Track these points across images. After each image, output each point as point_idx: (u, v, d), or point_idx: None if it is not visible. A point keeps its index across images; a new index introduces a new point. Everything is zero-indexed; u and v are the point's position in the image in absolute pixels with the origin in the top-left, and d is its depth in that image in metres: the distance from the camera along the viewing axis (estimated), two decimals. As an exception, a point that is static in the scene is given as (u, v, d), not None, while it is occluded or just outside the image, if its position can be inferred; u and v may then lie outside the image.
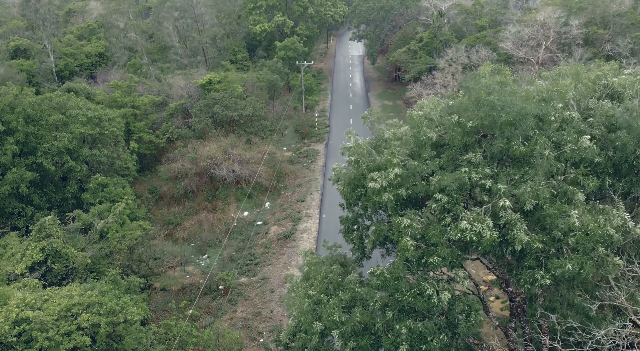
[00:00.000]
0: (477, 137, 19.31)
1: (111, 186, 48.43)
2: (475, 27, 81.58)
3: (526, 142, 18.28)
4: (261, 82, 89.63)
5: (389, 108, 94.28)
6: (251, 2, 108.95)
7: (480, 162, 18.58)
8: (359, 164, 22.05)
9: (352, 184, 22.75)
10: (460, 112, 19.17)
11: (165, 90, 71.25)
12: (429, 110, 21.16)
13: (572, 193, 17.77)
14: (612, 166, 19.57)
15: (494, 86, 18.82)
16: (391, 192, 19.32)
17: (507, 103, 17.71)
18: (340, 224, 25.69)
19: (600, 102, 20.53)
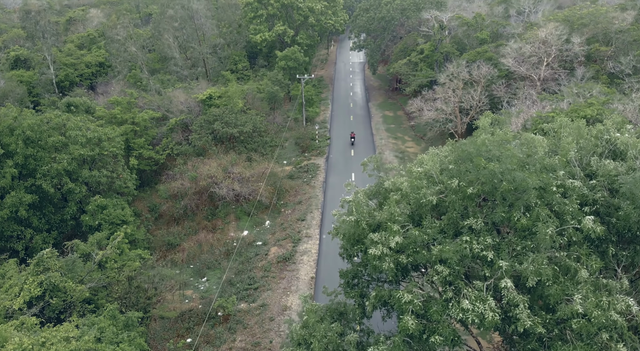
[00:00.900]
0: (478, 201, 19.09)
1: (110, 208, 48.22)
2: (477, 39, 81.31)
3: (527, 212, 18.04)
4: (262, 94, 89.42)
5: (389, 120, 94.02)
6: (252, 11, 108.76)
7: (481, 228, 18.36)
8: (359, 224, 21.72)
9: (351, 239, 22.47)
10: (461, 175, 18.93)
11: (165, 104, 71.04)
12: (428, 167, 20.91)
13: (576, 270, 17.52)
14: (616, 233, 19.33)
15: (495, 152, 18.58)
16: (392, 258, 19.09)
17: (507, 172, 17.48)
18: (340, 278, 25.29)
19: (603, 162, 20.26)
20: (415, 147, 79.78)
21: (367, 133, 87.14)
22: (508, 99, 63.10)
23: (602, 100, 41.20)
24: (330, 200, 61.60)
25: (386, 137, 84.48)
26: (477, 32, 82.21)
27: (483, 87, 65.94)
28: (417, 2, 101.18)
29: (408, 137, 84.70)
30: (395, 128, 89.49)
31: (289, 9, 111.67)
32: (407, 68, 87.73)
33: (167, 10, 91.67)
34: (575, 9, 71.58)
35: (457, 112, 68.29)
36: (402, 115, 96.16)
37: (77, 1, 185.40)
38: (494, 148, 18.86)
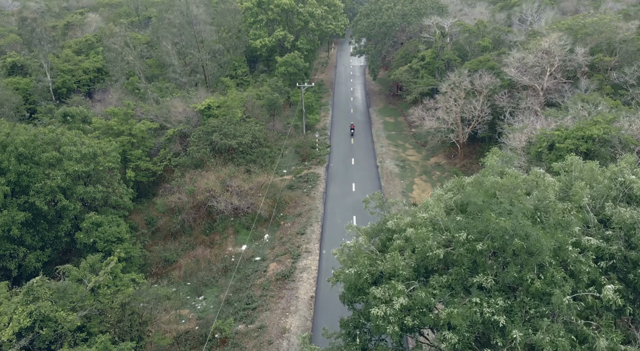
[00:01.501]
0: (488, 255, 18.03)
1: (105, 225, 47.20)
2: (478, 47, 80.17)
3: (541, 272, 16.98)
4: (261, 100, 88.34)
5: (390, 126, 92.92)
6: (251, 16, 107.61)
7: (491, 286, 17.31)
8: (360, 276, 20.53)
9: (352, 289, 21.34)
10: (469, 228, 17.87)
11: (163, 114, 69.96)
12: (434, 213, 19.81)
13: (594, 339, 16.48)
14: (633, 291, 18.29)
15: (505, 205, 17.48)
16: (396, 319, 18.00)
17: (519, 228, 16.42)
18: (340, 328, 24.05)
19: (618, 209, 19.20)
20: (416, 155, 78.69)
21: (368, 140, 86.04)
22: (511, 110, 61.98)
23: (609, 118, 40.12)
24: (331, 212, 60.53)
25: (387, 145, 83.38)
26: (479, 39, 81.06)
27: (485, 97, 64.83)
28: (418, 7, 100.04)
29: (409, 144, 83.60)
30: (395, 135, 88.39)
31: (289, 14, 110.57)
32: (408, 75, 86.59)
33: (166, 16, 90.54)
34: (579, 18, 70.39)
35: (459, 121, 67.19)
36: (403, 122, 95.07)
37: (76, 3, 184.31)
38: (504, 199, 17.78)
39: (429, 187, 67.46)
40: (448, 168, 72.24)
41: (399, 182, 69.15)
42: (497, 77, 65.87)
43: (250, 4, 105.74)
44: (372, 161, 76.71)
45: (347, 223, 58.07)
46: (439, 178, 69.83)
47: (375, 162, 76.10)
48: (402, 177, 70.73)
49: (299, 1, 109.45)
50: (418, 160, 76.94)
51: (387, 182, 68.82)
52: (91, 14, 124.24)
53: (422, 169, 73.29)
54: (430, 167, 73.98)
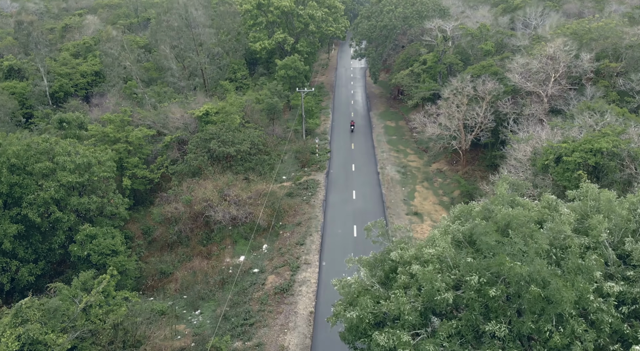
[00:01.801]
0: (502, 299, 16.80)
1: (100, 237, 46.06)
2: (481, 51, 78.91)
3: (560, 323, 15.77)
4: (261, 104, 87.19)
5: (391, 130, 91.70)
6: (251, 19, 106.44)
7: (505, 336, 16.11)
8: (362, 320, 19.22)
9: (353, 331, 20.08)
10: (481, 270, 16.65)
11: (161, 120, 68.82)
12: (441, 249, 18.57)
13: None
14: None
15: (520, 245, 16.26)
16: None
17: (535, 274, 15.22)
18: None
19: (638, 245, 18.00)
20: (417, 161, 77.46)
21: (369, 145, 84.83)
22: (514, 117, 60.75)
23: (618, 130, 38.90)
24: (331, 221, 59.32)
25: (388, 150, 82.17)
26: (482, 43, 79.79)
27: (488, 103, 63.60)
28: (420, 10, 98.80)
29: (410, 149, 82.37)
30: (397, 140, 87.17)
31: (289, 16, 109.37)
32: (410, 79, 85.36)
33: (164, 19, 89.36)
34: (584, 22, 69.10)
35: (461, 128, 65.97)
36: (404, 126, 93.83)
37: (75, 4, 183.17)
38: (518, 239, 16.55)
39: (431, 194, 66.25)
40: (450, 175, 71.02)
41: (400, 189, 67.95)
42: (501, 83, 64.62)
43: (249, 6, 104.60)
44: (372, 167, 75.51)
45: (347, 233, 57.30)
46: (440, 186, 68.64)
47: (376, 168, 74.89)
48: (403, 183, 69.51)
49: (299, 3, 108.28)
50: (419, 166, 75.72)
51: (388, 189, 67.61)
52: (89, 16, 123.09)
53: (424, 176, 72.08)
54: (432, 173, 72.77)
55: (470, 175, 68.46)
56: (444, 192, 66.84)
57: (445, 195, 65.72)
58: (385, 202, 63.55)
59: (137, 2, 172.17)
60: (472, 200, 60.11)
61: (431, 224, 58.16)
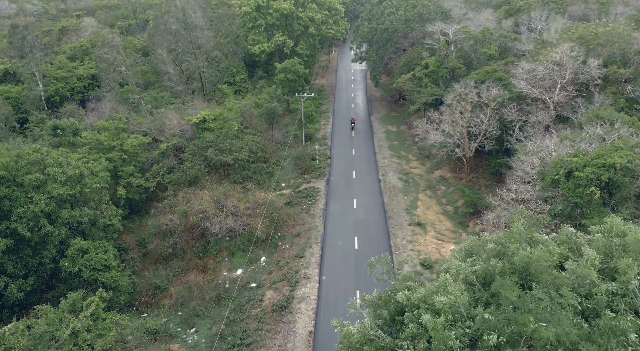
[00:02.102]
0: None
1: (92, 252, 44.42)
2: (484, 55, 77.16)
3: None
4: (260, 109, 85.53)
5: (392, 135, 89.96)
6: (250, 21, 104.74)
7: None
8: None
9: None
10: (500, 328, 14.94)
11: (157, 126, 67.16)
12: (454, 297, 16.83)
13: None
14: None
15: (545, 302, 14.54)
16: None
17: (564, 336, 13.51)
18: None
19: None
20: (420, 168, 75.73)
21: (370, 151, 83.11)
22: (520, 125, 59.02)
23: (631, 143, 37.18)
24: (331, 232, 57.63)
25: (389, 156, 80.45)
26: (485, 46, 78.03)
27: (493, 110, 61.88)
28: (421, 12, 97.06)
29: (412, 155, 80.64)
30: (398, 145, 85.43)
31: (288, 19, 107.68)
32: (411, 83, 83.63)
33: (161, 22, 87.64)
34: (591, 27, 67.32)
35: (465, 135, 64.24)
36: (406, 131, 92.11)
37: (73, 6, 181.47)
38: (542, 295, 14.80)
39: (434, 203, 64.51)
40: (454, 182, 69.29)
41: (402, 197, 66.24)
42: (505, 89, 62.88)
43: (248, 8, 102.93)
44: (374, 174, 73.80)
45: (348, 245, 55.51)
46: (444, 194, 66.90)
47: (377, 175, 73.18)
48: (405, 192, 67.80)
49: (298, 5, 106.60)
50: (422, 173, 74.01)
51: (389, 198, 65.89)
52: (87, 18, 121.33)
53: (427, 183, 70.35)
54: (434, 180, 71.05)
55: (474, 183, 66.75)
56: (448, 200, 65.13)
57: (448, 204, 64.02)
58: (387, 212, 61.85)
59: (135, 3, 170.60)
60: (477, 210, 58.54)
61: (435, 235, 56.49)
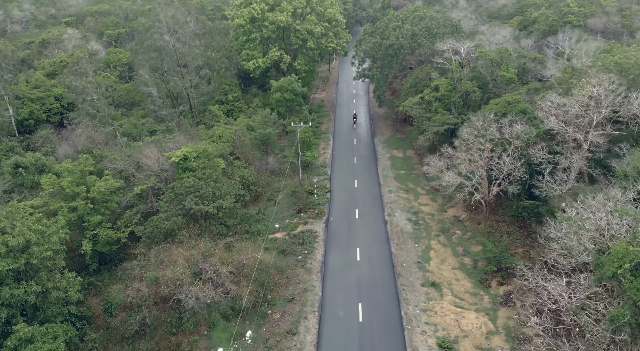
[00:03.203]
0: None
1: (38, 341, 36.01)
2: (502, 78, 68.42)
3: None
4: (252, 134, 77.06)
5: (398, 162, 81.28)
6: (244, 35, 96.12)
7: None
8: None
9: None
10: None
11: (133, 162, 58.65)
12: None
13: None
14: None
15: None
16: None
17: None
18: None
19: None
20: (430, 205, 67.00)
21: (374, 182, 74.43)
22: (550, 169, 50.44)
23: None
24: (330, 297, 48.86)
25: (396, 189, 71.75)
26: (502, 68, 69.33)
27: (517, 148, 53.30)
28: (430, 26, 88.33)
29: (421, 189, 71.89)
30: (405, 175, 76.73)
31: (285, 31, 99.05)
32: (420, 108, 75.00)
33: (145, 39, 79.03)
34: (630, 52, 58.50)
35: (485, 177, 55.63)
36: (413, 156, 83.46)
37: (63, 11, 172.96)
38: None
39: (449, 254, 55.85)
40: (470, 226, 60.58)
41: (412, 245, 57.64)
42: (531, 124, 54.27)
43: (242, 20, 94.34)
44: (379, 213, 65.17)
45: (351, 316, 46.12)
46: (459, 241, 58.25)
47: (383, 215, 64.56)
48: (415, 238, 59.17)
49: (296, 17, 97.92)
50: (433, 211, 65.31)
51: (398, 246, 57.31)
52: (70, 29, 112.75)
53: (439, 226, 61.69)
54: (448, 222, 62.36)
55: (494, 229, 58.13)
56: (464, 249, 56.48)
57: (466, 256, 55.35)
58: (396, 266, 53.26)
59: (127, 9, 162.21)
60: (500, 267, 49.97)
61: (452, 300, 47.86)
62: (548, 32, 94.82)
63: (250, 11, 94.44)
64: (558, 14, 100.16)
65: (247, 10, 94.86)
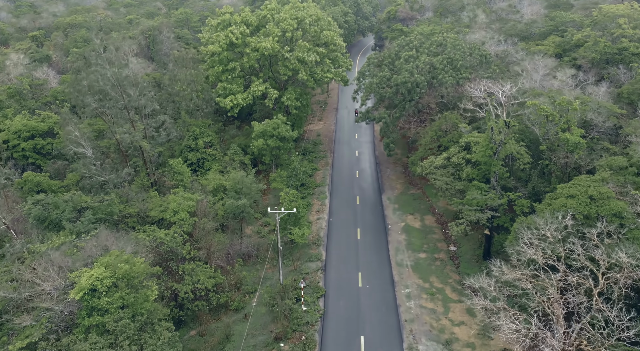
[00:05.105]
0: None
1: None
2: (565, 143, 47.56)
3: None
4: (222, 207, 56.75)
5: (416, 237, 60.67)
6: (220, 64, 75.40)
7: None
8: None
9: None
10: None
11: (26, 280, 38.12)
12: None
13: None
14: None
15: None
16: None
17: None
18: None
19: None
20: (468, 323, 46.24)
21: (385, 277, 53.65)
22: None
23: None
24: None
25: (416, 291, 50.86)
26: (558, 123, 48.56)
27: (619, 285, 32.64)
28: (452, 58, 67.48)
29: (451, 289, 51.09)
30: (427, 261, 56.11)
31: (271, 59, 78.40)
32: (446, 175, 54.22)
33: (82, 76, 58.34)
34: None
35: (560, 318, 34.97)
36: (434, 227, 62.87)
37: (33, 24, 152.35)
38: None
39: None
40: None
41: None
42: (635, 242, 33.57)
43: (218, 47, 73.66)
44: (395, 342, 44.48)
45: None
46: (516, 406, 37.59)
47: (401, 347, 43.86)
48: (449, 397, 38.61)
49: (285, 43, 77.16)
50: (473, 339, 44.52)
51: None
52: (14, 54, 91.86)
53: (482, 370, 41.11)
54: (494, 362, 41.80)
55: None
56: None
57: None
58: None
59: (102, 21, 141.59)
60: None
61: None
62: (600, 62, 74.06)
63: (228, 35, 73.80)
64: (608, 36, 79.17)
65: (224, 34, 74.22)
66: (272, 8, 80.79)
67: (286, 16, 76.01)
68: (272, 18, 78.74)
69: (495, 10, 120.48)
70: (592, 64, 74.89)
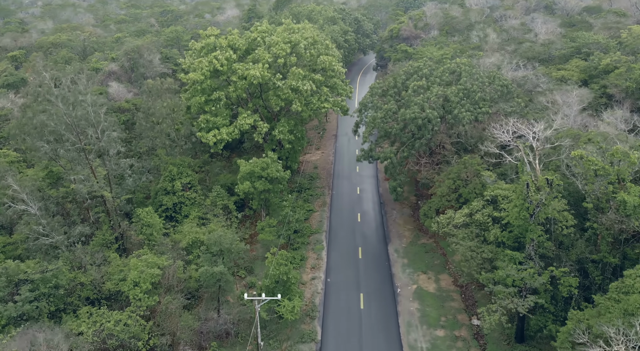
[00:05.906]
0: None
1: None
2: (621, 205, 37.45)
3: None
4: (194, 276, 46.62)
5: (432, 307, 50.33)
6: (202, 94, 65.63)
7: None
8: None
9: None
10: None
11: None
12: None
13: None
14: None
15: None
16: None
17: None
18: None
19: None
20: None
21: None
22: None
23: None
24: None
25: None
26: (608, 176, 38.53)
27: None
28: (469, 89, 57.59)
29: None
30: (446, 341, 45.77)
31: (262, 87, 68.68)
32: (468, 237, 43.97)
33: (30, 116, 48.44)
34: None
35: None
36: (452, 292, 52.47)
37: (13, 43, 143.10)
38: None
39: None
40: None
41: None
42: None
43: (200, 75, 63.99)
44: None
45: None
46: None
47: None
48: None
49: (277, 69, 67.38)
50: None
51: None
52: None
53: None
54: None
55: None
56: None
57: None
58: None
59: (85, 41, 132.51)
60: None
61: None
62: (635, 91, 64.39)
63: (212, 61, 64.17)
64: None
65: (207, 61, 64.61)
66: (262, 30, 71.26)
67: (278, 39, 66.37)
68: (263, 41, 69.17)
69: (506, 29, 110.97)
70: (627, 93, 65.22)
